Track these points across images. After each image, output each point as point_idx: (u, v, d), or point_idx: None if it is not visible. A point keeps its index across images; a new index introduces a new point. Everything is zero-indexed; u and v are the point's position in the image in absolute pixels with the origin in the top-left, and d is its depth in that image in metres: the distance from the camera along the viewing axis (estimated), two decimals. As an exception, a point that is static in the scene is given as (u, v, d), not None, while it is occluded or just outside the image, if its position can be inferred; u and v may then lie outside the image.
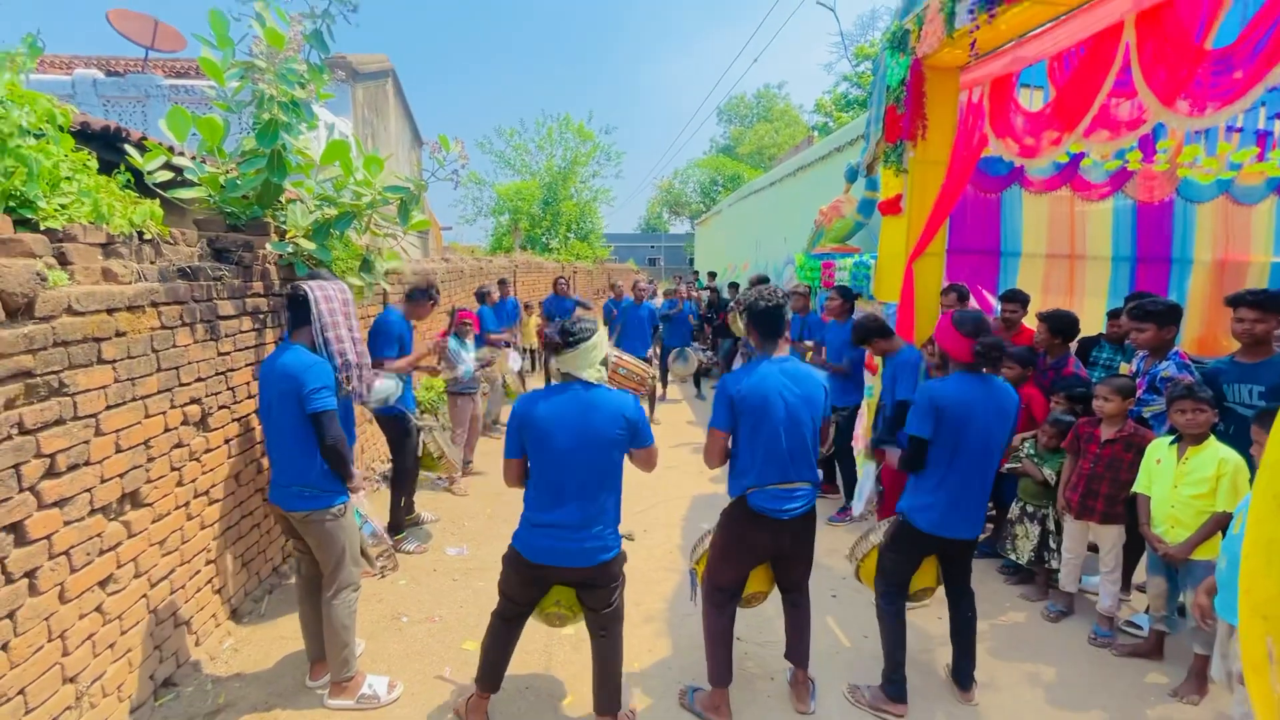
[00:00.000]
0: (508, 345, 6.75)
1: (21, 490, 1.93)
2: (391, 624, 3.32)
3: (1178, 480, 2.80)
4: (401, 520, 4.33)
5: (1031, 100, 5.12)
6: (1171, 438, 2.90)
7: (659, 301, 10.40)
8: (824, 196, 7.54)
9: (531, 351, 9.78)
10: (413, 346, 4.30)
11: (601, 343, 2.32)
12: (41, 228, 2.13)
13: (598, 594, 2.38)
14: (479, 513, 4.82)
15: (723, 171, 36.77)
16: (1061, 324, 4.00)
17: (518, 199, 24.85)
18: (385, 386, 3.73)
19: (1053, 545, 3.56)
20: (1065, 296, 5.92)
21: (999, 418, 2.58)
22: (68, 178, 2.36)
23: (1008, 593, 3.74)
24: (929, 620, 3.37)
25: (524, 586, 2.40)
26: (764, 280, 8.08)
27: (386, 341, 4.09)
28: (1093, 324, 4.94)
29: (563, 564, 2.29)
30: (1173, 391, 2.85)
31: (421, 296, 4.27)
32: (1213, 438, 2.79)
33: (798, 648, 2.73)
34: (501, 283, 8.02)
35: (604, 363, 2.34)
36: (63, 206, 2.26)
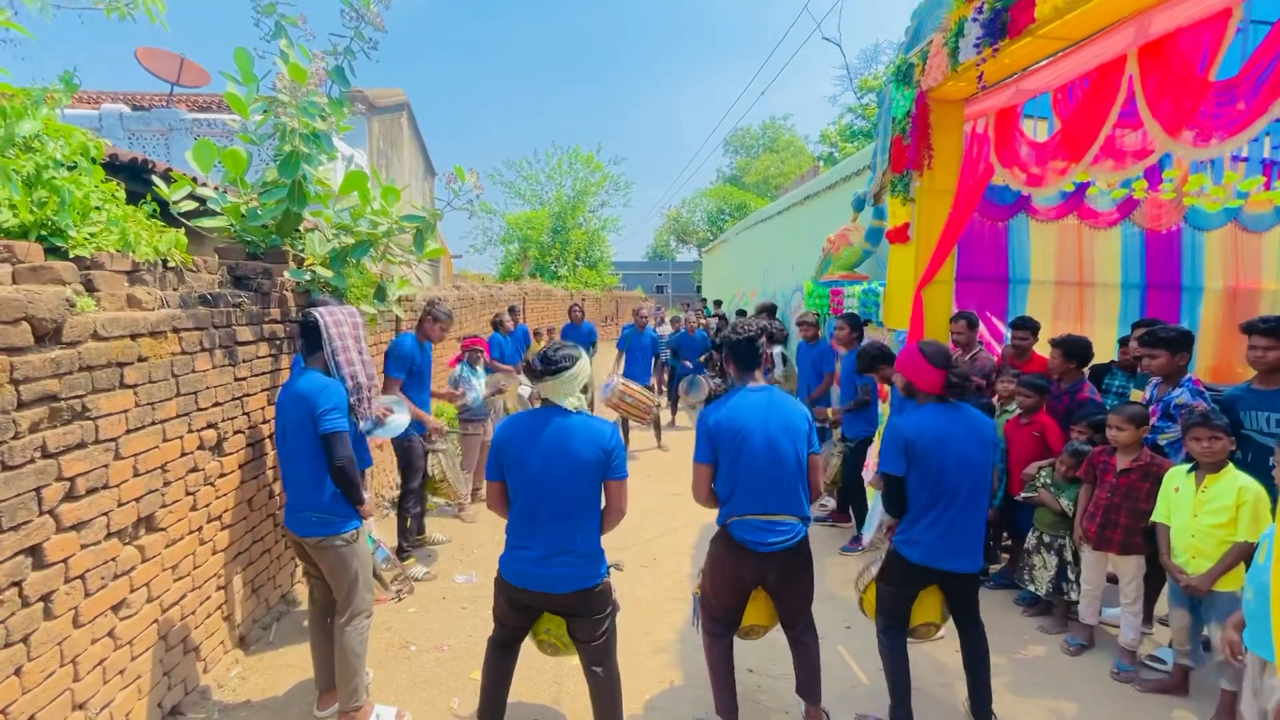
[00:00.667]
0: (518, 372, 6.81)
1: (42, 513, 1.95)
2: (400, 652, 3.29)
3: (1197, 509, 2.76)
4: (410, 542, 4.34)
5: (1036, 131, 5.19)
6: (1189, 466, 2.87)
7: (667, 329, 10.45)
8: (831, 225, 7.61)
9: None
10: (430, 376, 4.39)
11: (583, 372, 2.32)
12: (71, 255, 2.19)
13: (583, 624, 2.35)
14: (487, 540, 4.79)
15: (729, 201, 37.21)
16: (1075, 349, 3.98)
17: (527, 228, 25.22)
18: (398, 422, 3.73)
19: (1071, 576, 3.50)
20: (1075, 323, 5.90)
21: (978, 444, 2.53)
22: (97, 207, 2.44)
23: (1026, 625, 3.66)
24: (947, 653, 3.29)
25: (510, 610, 2.39)
26: (771, 308, 8.11)
27: (397, 364, 4.16)
28: (1104, 351, 4.92)
29: (539, 589, 2.27)
30: (1188, 419, 2.82)
31: (424, 317, 4.39)
32: (1231, 465, 2.76)
33: (808, 684, 2.66)
34: (511, 310, 8.11)
35: (585, 390, 2.36)
36: (92, 235, 2.33)
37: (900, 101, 4.69)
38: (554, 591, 2.27)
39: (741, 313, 10.28)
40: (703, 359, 8.77)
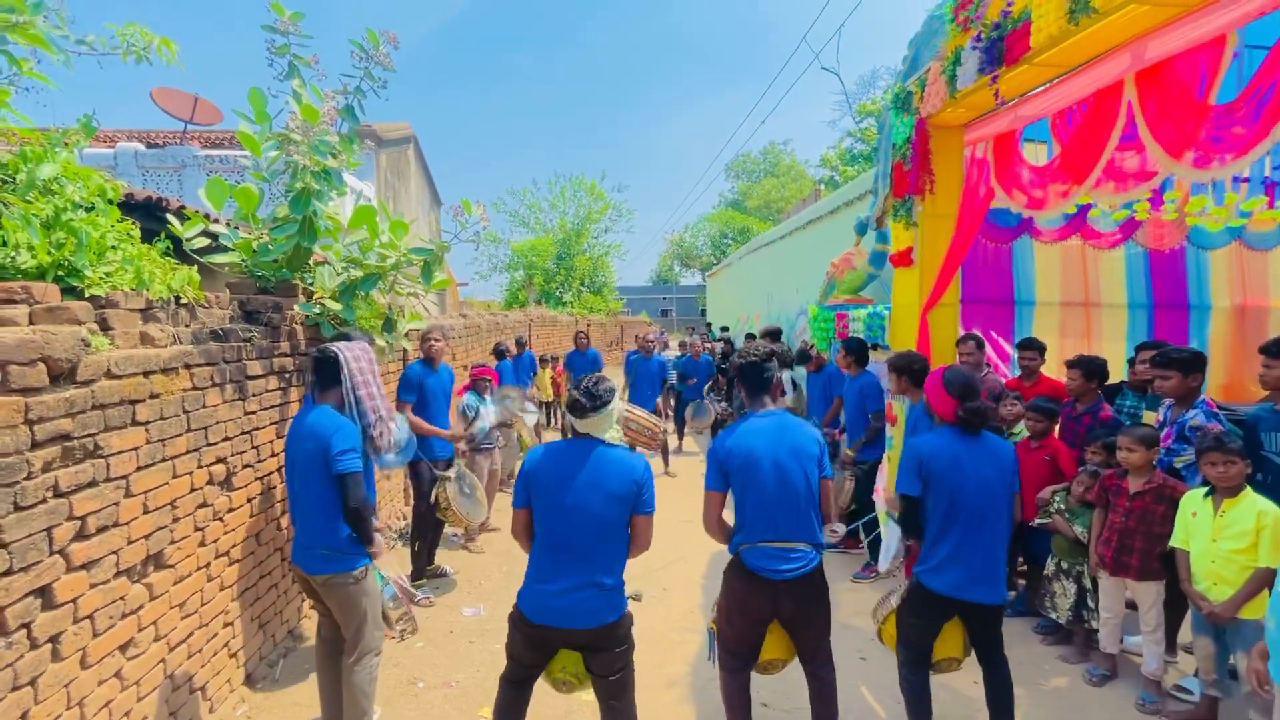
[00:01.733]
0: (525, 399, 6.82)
1: (52, 553, 1.95)
2: (408, 689, 3.24)
3: (1216, 534, 2.71)
4: (422, 569, 4.34)
5: (1037, 155, 5.24)
6: (1206, 490, 2.82)
7: (671, 354, 10.45)
8: (834, 249, 7.66)
9: (547, 405, 9.82)
10: (448, 401, 4.45)
11: (618, 401, 2.34)
12: (86, 295, 2.22)
13: (603, 658, 2.29)
14: (495, 571, 4.75)
15: (732, 225, 37.57)
16: (1095, 369, 3.95)
17: (532, 255, 25.47)
18: (401, 438, 3.74)
19: (1091, 604, 3.43)
20: (1083, 343, 5.89)
21: (997, 469, 2.51)
22: (113, 247, 2.48)
23: (1045, 654, 3.58)
24: (966, 684, 3.22)
25: (527, 648, 2.31)
26: (777, 332, 8.12)
27: (406, 388, 4.34)
28: (1113, 371, 4.89)
29: (565, 624, 2.22)
30: (1201, 443, 2.79)
31: (421, 343, 4.50)
32: (1249, 489, 2.72)
33: None
34: (519, 341, 8.20)
35: (618, 420, 2.36)
36: (107, 274, 2.36)
37: (900, 128, 4.75)
38: (579, 627, 2.22)
39: (751, 336, 10.29)
40: (708, 386, 8.76)
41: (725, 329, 14.48)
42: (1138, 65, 3.16)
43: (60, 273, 2.22)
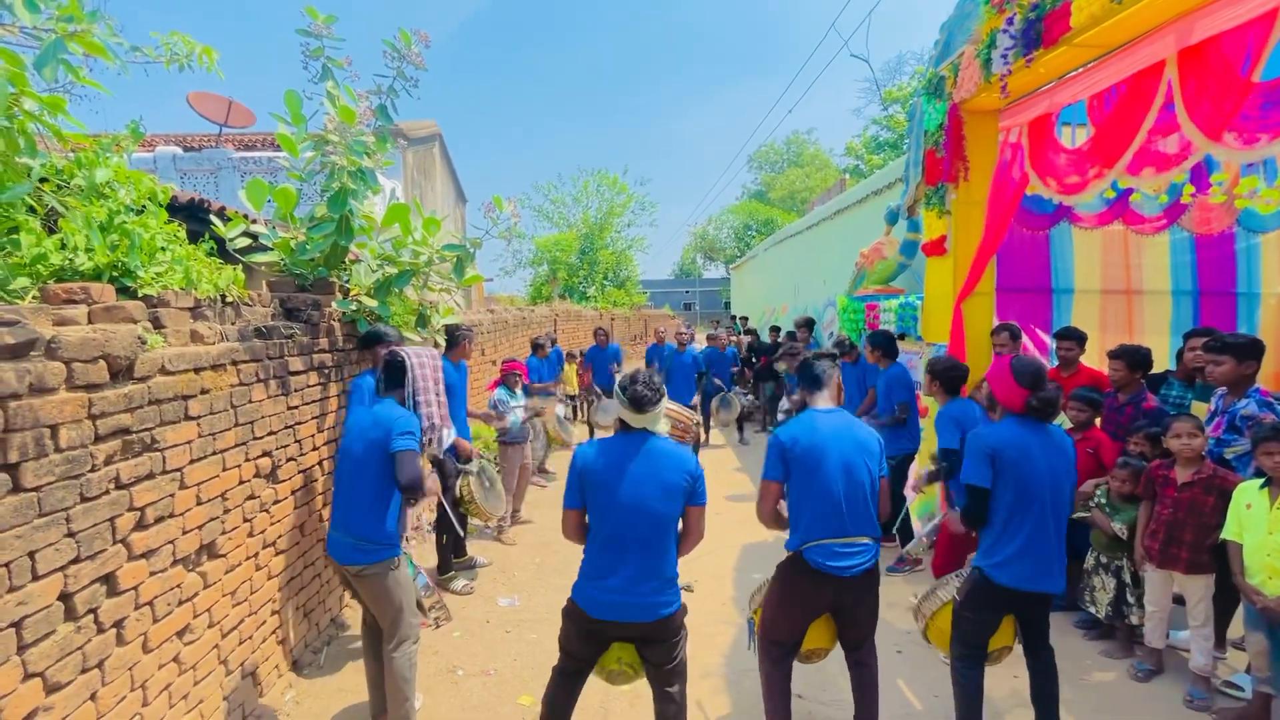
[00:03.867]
0: (552, 394, 6.88)
1: (115, 542, 2.03)
2: (447, 677, 3.31)
3: (1273, 526, 2.63)
4: (449, 561, 4.39)
5: (1074, 137, 5.10)
6: (1261, 481, 2.74)
7: (698, 346, 10.43)
8: (863, 239, 7.55)
9: (573, 399, 9.89)
10: (465, 395, 4.47)
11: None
12: (139, 294, 2.30)
13: (660, 649, 2.32)
14: (528, 563, 4.81)
15: (756, 216, 37.20)
16: (1139, 359, 3.85)
17: (555, 249, 25.56)
18: (445, 436, 3.81)
19: (1130, 598, 3.35)
20: (1124, 334, 5.72)
21: (1064, 461, 2.49)
22: (163, 248, 2.57)
23: (1087, 649, 3.51)
24: (1006, 677, 3.17)
25: (583, 642, 2.34)
26: (809, 322, 8.04)
27: None
28: (1158, 361, 4.75)
29: (624, 619, 2.24)
30: (1258, 433, 2.70)
31: (449, 340, 4.49)
32: (1306, 480, 2.63)
33: (868, 709, 2.59)
34: (550, 338, 8.28)
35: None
36: (158, 274, 2.45)
37: (932, 115, 4.66)
38: (638, 620, 2.24)
39: (776, 329, 10.19)
40: (734, 379, 8.73)
41: (745, 319, 14.41)
42: (1183, 44, 3.05)
43: (114, 273, 2.31)
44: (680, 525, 2.33)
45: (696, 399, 7.97)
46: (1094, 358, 4.91)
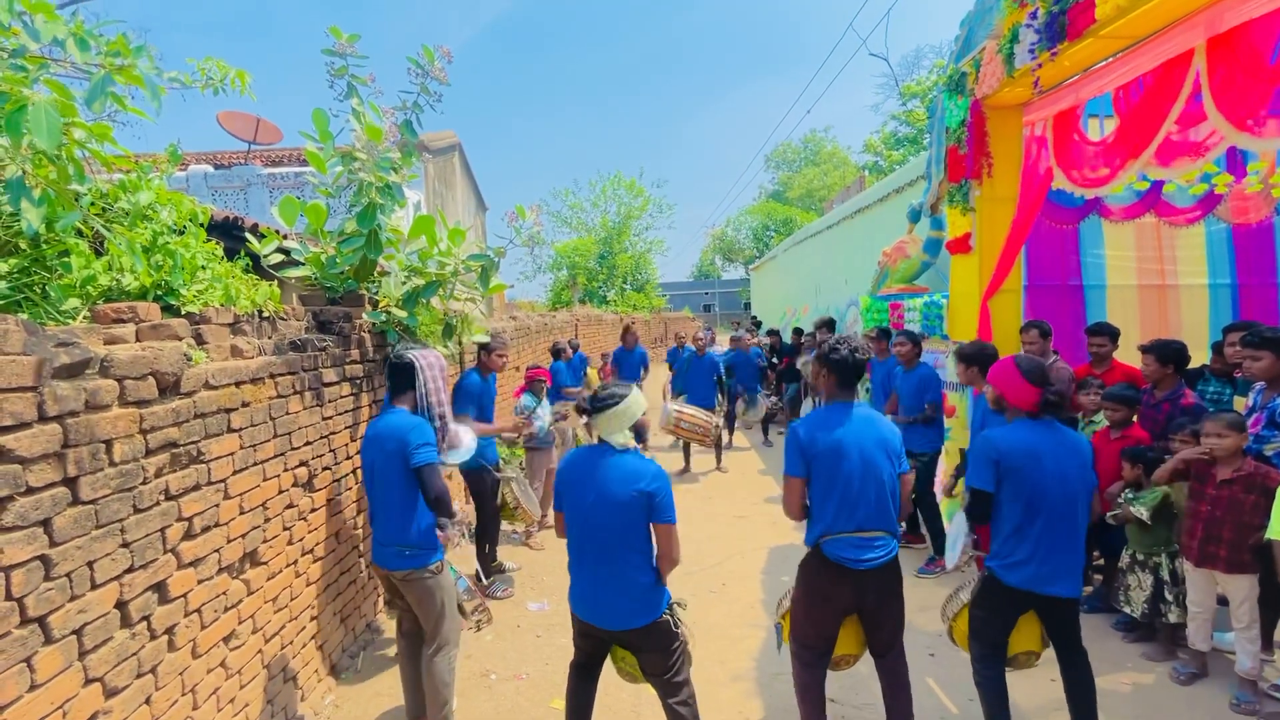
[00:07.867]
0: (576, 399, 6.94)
1: (165, 552, 2.11)
2: (481, 681, 3.36)
3: (1318, 525, 2.56)
4: (489, 568, 4.47)
5: (1102, 128, 5.00)
6: (1305, 478, 2.66)
7: (719, 349, 10.42)
8: (885, 238, 7.49)
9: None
10: (494, 406, 4.53)
11: (632, 408, 2.33)
12: (183, 312, 2.39)
13: (649, 658, 2.37)
14: (556, 566, 4.86)
15: (774, 217, 37.01)
16: (1169, 352, 3.75)
17: (575, 254, 25.72)
18: (467, 444, 3.87)
19: (1169, 596, 3.28)
20: (1161, 328, 5.58)
21: (1076, 462, 2.45)
22: (203, 266, 2.66)
23: (1127, 652, 3.44)
24: (1044, 681, 3.12)
25: (581, 637, 2.47)
26: (830, 323, 8.00)
27: (466, 399, 4.35)
28: (1194, 355, 4.64)
29: (597, 622, 2.34)
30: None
31: (482, 351, 4.57)
32: (1354, 477, 2.55)
33: (902, 715, 2.57)
34: (571, 343, 8.33)
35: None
36: (199, 292, 2.54)
37: (954, 111, 4.62)
38: (610, 626, 2.32)
39: (798, 331, 10.14)
40: (759, 380, 8.71)
41: (758, 321, 14.46)
42: (1212, 33, 2.98)
43: (159, 292, 2.41)
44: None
45: (722, 403, 7.94)
46: (1130, 354, 4.81)
